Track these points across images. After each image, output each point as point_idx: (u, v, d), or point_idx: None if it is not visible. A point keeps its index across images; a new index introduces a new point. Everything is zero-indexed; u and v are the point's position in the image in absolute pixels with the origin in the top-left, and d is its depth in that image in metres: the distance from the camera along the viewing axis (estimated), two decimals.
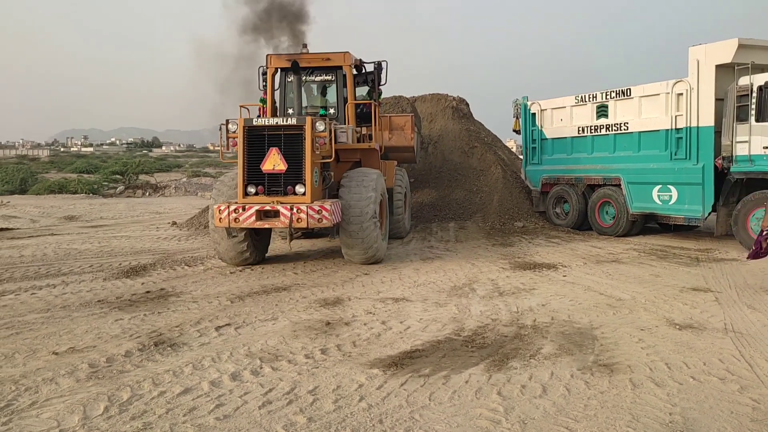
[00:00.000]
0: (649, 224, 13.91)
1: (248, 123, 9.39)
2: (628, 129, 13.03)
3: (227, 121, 9.68)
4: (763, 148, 10.56)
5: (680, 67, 12.00)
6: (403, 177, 13.16)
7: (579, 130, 14.19)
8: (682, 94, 11.82)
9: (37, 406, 4.37)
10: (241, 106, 10.46)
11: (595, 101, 13.74)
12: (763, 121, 10.55)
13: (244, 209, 9.09)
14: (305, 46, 11.03)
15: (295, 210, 8.99)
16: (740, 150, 10.90)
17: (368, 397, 4.46)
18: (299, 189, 9.24)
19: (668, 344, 5.59)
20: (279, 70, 11.47)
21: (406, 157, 13.99)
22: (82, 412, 4.24)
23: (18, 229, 16.12)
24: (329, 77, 11.23)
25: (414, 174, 17.07)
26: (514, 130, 16.25)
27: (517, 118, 15.98)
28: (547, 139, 15.15)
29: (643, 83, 12.76)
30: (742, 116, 10.87)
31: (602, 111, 13.63)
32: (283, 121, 9.32)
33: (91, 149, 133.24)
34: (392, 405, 4.32)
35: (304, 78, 11.15)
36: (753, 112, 10.66)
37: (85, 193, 29.40)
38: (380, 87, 11.83)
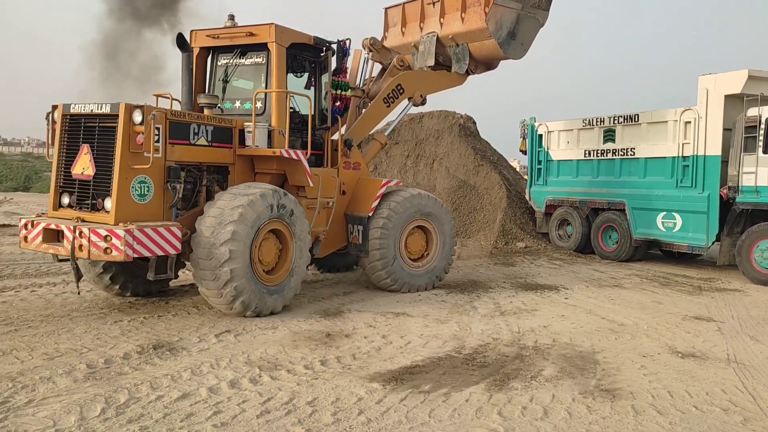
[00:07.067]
0: (652, 250, 13.88)
1: (67, 109, 7.15)
2: (634, 154, 13.05)
3: (53, 108, 7.34)
4: None
5: (689, 95, 12.05)
6: (404, 201, 9.01)
7: (585, 154, 14.20)
8: (690, 122, 11.84)
9: (33, 404, 4.34)
10: (156, 96, 8.29)
11: (602, 125, 13.77)
12: None
13: (32, 225, 6.92)
14: (232, 17, 8.61)
15: (77, 233, 6.46)
16: (746, 181, 10.89)
17: (367, 411, 4.42)
18: (107, 203, 6.72)
19: (670, 372, 5.55)
20: (204, 50, 8.83)
21: (484, 51, 9.51)
22: (78, 413, 4.20)
23: None
24: (260, 59, 8.41)
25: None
26: (521, 150, 16.28)
27: (524, 138, 16.01)
28: (552, 160, 15.16)
29: (651, 110, 12.82)
30: (749, 147, 10.87)
31: (609, 135, 13.65)
32: (97, 108, 6.90)
33: None
34: (391, 420, 4.28)
35: (232, 61, 8.65)
36: (761, 143, 10.66)
37: None
38: (341, 76, 8.99)
